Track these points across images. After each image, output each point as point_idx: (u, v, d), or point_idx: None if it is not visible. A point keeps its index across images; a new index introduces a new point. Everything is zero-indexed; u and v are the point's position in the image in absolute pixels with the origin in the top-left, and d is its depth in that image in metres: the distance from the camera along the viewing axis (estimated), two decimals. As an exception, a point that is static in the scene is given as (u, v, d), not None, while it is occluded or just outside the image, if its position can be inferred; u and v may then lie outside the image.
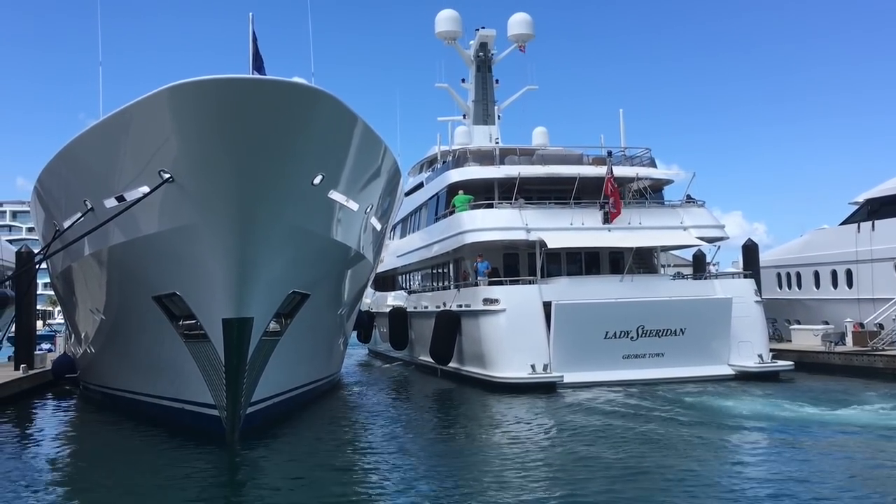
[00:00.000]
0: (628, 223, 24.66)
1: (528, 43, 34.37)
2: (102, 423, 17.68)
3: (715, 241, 26.24)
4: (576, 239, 24.17)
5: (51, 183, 16.19)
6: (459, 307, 24.56)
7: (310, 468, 12.64)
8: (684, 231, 25.21)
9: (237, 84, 11.47)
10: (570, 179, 24.97)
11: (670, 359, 22.55)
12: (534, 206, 24.80)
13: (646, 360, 22.52)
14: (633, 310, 22.54)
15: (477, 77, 34.20)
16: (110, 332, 17.77)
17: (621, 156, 27.59)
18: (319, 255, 15.10)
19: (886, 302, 26.48)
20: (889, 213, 27.92)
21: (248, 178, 12.12)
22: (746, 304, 23.78)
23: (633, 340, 22.50)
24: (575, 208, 24.66)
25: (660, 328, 22.65)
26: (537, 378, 21.30)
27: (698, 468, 11.54)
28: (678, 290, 24.19)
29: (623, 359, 22.41)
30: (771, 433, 14.57)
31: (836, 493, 9.97)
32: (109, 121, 12.83)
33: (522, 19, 34.33)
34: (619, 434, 14.64)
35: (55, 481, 11.92)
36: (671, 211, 25.93)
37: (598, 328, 22.22)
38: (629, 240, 24.32)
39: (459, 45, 34.14)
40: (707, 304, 23.47)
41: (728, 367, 23.16)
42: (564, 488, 10.54)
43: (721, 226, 26.16)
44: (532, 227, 23.88)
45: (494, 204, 25.01)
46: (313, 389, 19.94)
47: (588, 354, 21.88)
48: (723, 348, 23.15)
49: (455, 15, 33.58)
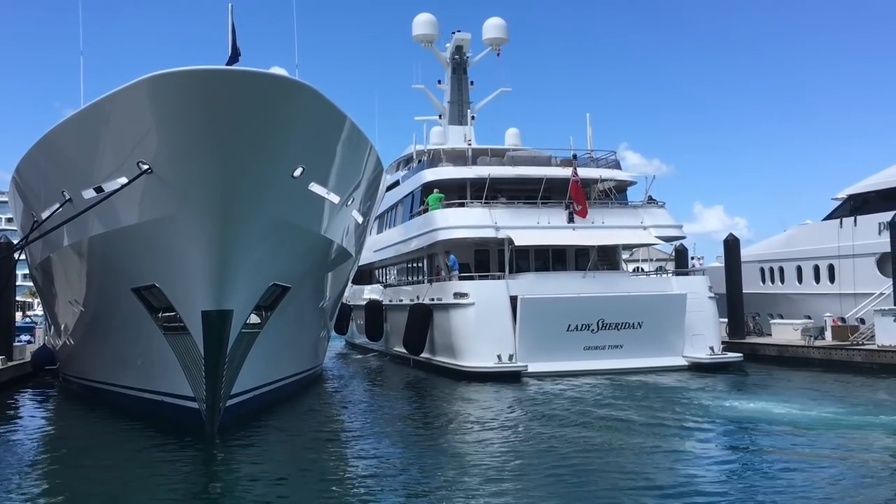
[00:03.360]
0: (591, 222, 24.44)
1: (502, 46, 33.68)
2: (82, 415, 16.59)
3: (672, 240, 26.42)
4: (542, 237, 24.00)
5: (29, 173, 15.01)
6: (432, 300, 24.19)
7: (288, 460, 11.86)
8: (644, 230, 25.03)
9: (216, 75, 10.58)
10: (538, 180, 24.68)
11: (628, 350, 22.40)
12: (503, 206, 24.50)
13: (605, 352, 22.35)
14: (594, 304, 22.35)
15: (452, 79, 33.51)
16: (90, 323, 16.61)
17: (587, 158, 27.29)
18: (300, 248, 14.18)
19: (868, 297, 25.29)
20: (871, 208, 26.39)
21: (227, 170, 11.22)
22: (700, 299, 23.60)
23: (594, 333, 22.32)
24: (542, 208, 24.42)
25: (619, 321, 22.49)
26: (503, 367, 21.23)
27: (645, 445, 12.16)
28: (637, 286, 24.22)
29: (584, 350, 22.21)
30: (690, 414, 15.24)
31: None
32: (88, 111, 11.80)
33: (497, 24, 33.68)
34: (577, 419, 14.66)
35: (34, 472, 11.03)
36: (632, 211, 25.70)
37: (560, 321, 22.04)
38: (592, 238, 24.13)
39: (436, 47, 33.37)
40: (663, 299, 23.37)
41: (682, 358, 22.96)
42: (527, 467, 10.88)
43: (679, 226, 26.03)
44: (501, 226, 23.65)
45: (466, 203, 24.72)
46: (295, 382, 18.87)
47: (551, 346, 21.72)
48: (677, 341, 22.98)
49: (432, 19, 32.79)
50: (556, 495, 9.28)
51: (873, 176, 27.69)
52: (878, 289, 24.87)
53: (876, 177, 27.52)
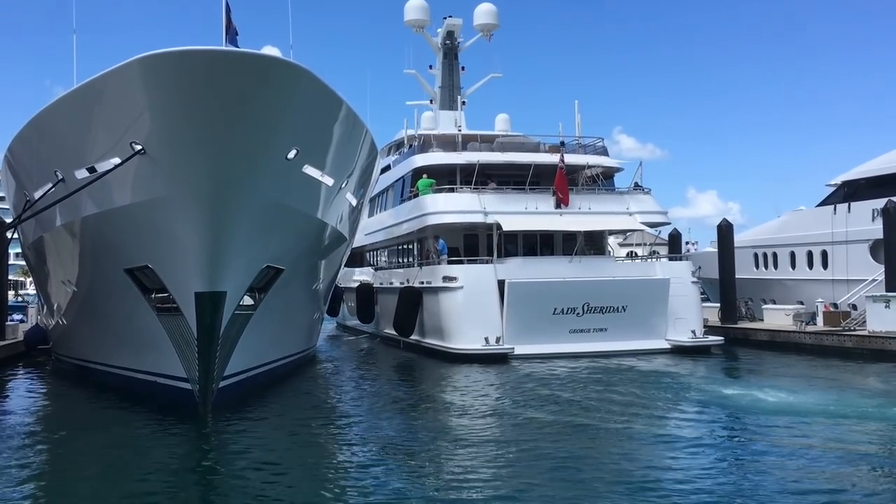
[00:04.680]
0: (578, 208, 24.29)
1: (493, 32, 33.10)
2: (75, 394, 16.20)
3: (657, 226, 26.37)
4: (529, 222, 23.86)
5: (21, 152, 14.51)
6: (421, 284, 23.97)
7: (281, 441, 11.59)
8: (629, 216, 24.88)
9: (209, 56, 10.21)
10: (526, 166, 24.47)
11: (613, 333, 22.33)
12: (492, 192, 24.27)
13: (590, 335, 22.27)
14: (580, 288, 22.26)
15: (444, 64, 32.89)
16: (83, 303, 16.19)
17: (575, 144, 27.01)
18: (293, 230, 13.83)
19: (860, 283, 24.92)
20: (865, 195, 25.84)
21: (219, 151, 10.85)
22: (683, 284, 23.55)
23: (579, 316, 22.25)
24: (530, 193, 24.24)
25: (604, 305, 22.42)
26: (491, 350, 21.17)
27: (625, 423, 12.30)
28: (622, 271, 24.11)
29: (570, 333, 22.12)
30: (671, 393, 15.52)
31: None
32: (80, 91, 11.37)
33: (488, 9, 33.07)
34: (562, 398, 14.64)
35: (26, 452, 10.64)
36: (618, 197, 25.53)
37: (547, 305, 21.96)
38: (577, 223, 23.98)
39: (427, 32, 32.76)
40: (647, 283, 23.30)
41: (665, 341, 22.92)
42: (512, 444, 10.92)
43: (664, 212, 25.86)
44: (489, 211, 23.46)
45: (456, 188, 24.45)
46: (288, 363, 18.54)
47: (537, 328, 21.63)
48: (661, 324, 22.92)
49: (423, 4, 32.17)
50: (541, 471, 9.25)
51: (867, 163, 27.24)
52: (871, 275, 24.58)
53: (870, 164, 27.09)
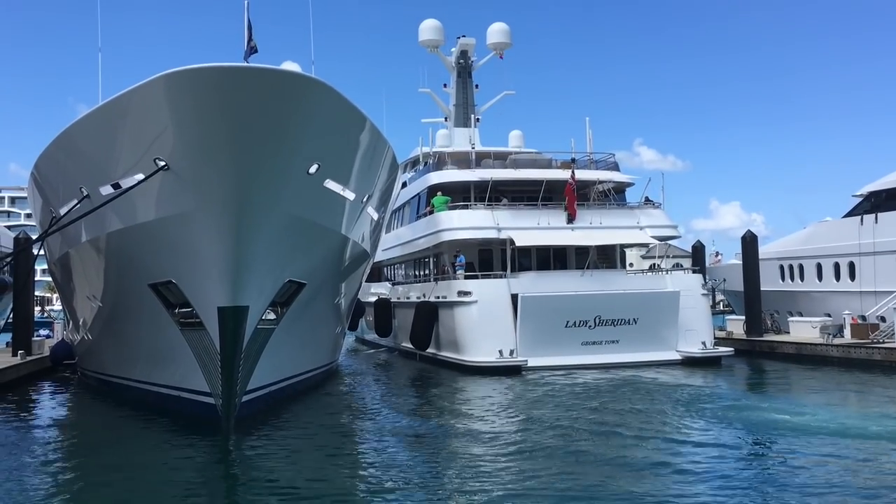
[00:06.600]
0: (590, 223, 23.82)
1: (505, 50, 32.75)
2: (100, 409, 15.79)
3: (668, 239, 25.98)
4: (541, 237, 23.45)
5: (47, 169, 14.17)
6: (437, 298, 23.61)
7: (303, 455, 11.11)
8: (640, 230, 24.38)
9: (232, 72, 9.89)
10: (538, 182, 24.02)
11: (624, 345, 21.86)
12: (505, 207, 23.90)
13: (602, 347, 21.79)
14: (592, 301, 21.83)
15: (458, 82, 32.54)
16: (107, 319, 15.76)
17: (587, 160, 26.58)
18: (315, 244, 13.38)
19: (889, 294, 23.46)
20: (892, 205, 24.53)
21: (243, 167, 10.49)
22: (694, 296, 23.02)
23: (591, 329, 21.83)
24: (542, 209, 23.79)
25: (615, 318, 21.97)
26: (504, 362, 20.86)
27: (639, 429, 12.33)
28: (633, 284, 23.56)
29: (582, 345, 21.68)
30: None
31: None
32: (105, 107, 11.04)
33: (501, 28, 32.75)
34: (573, 409, 14.46)
35: (51, 466, 10.38)
36: (629, 212, 25.01)
37: (559, 318, 21.55)
38: (589, 238, 23.50)
39: (441, 52, 32.44)
40: (657, 296, 22.80)
41: (676, 352, 22.35)
42: (526, 454, 10.78)
43: (674, 226, 25.32)
44: (503, 227, 23.09)
45: (470, 205, 24.06)
46: (310, 378, 17.97)
47: (550, 341, 21.26)
48: (671, 336, 22.38)
49: (437, 24, 31.86)
50: (556, 476, 9.10)
51: (894, 173, 25.98)
52: None
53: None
